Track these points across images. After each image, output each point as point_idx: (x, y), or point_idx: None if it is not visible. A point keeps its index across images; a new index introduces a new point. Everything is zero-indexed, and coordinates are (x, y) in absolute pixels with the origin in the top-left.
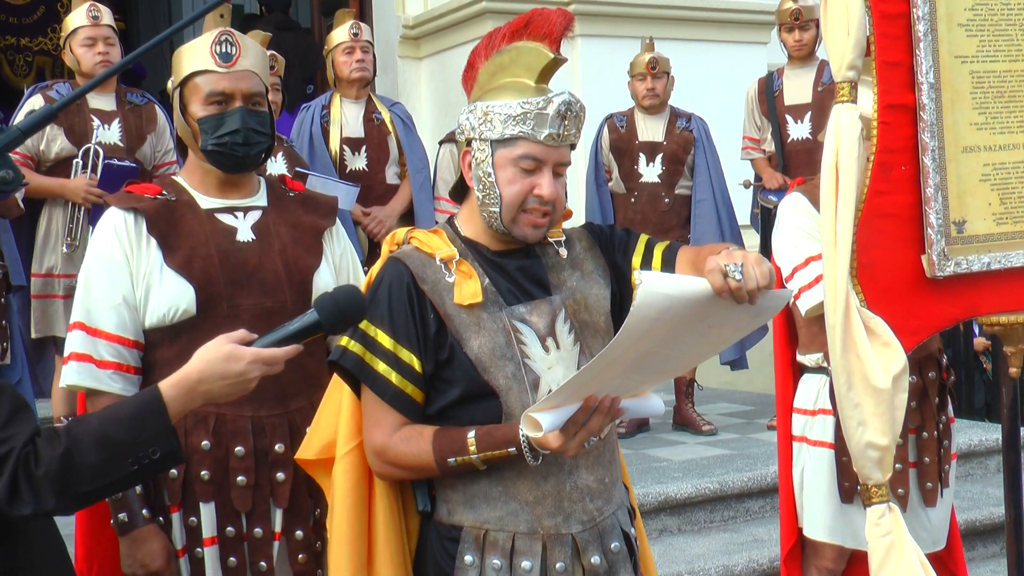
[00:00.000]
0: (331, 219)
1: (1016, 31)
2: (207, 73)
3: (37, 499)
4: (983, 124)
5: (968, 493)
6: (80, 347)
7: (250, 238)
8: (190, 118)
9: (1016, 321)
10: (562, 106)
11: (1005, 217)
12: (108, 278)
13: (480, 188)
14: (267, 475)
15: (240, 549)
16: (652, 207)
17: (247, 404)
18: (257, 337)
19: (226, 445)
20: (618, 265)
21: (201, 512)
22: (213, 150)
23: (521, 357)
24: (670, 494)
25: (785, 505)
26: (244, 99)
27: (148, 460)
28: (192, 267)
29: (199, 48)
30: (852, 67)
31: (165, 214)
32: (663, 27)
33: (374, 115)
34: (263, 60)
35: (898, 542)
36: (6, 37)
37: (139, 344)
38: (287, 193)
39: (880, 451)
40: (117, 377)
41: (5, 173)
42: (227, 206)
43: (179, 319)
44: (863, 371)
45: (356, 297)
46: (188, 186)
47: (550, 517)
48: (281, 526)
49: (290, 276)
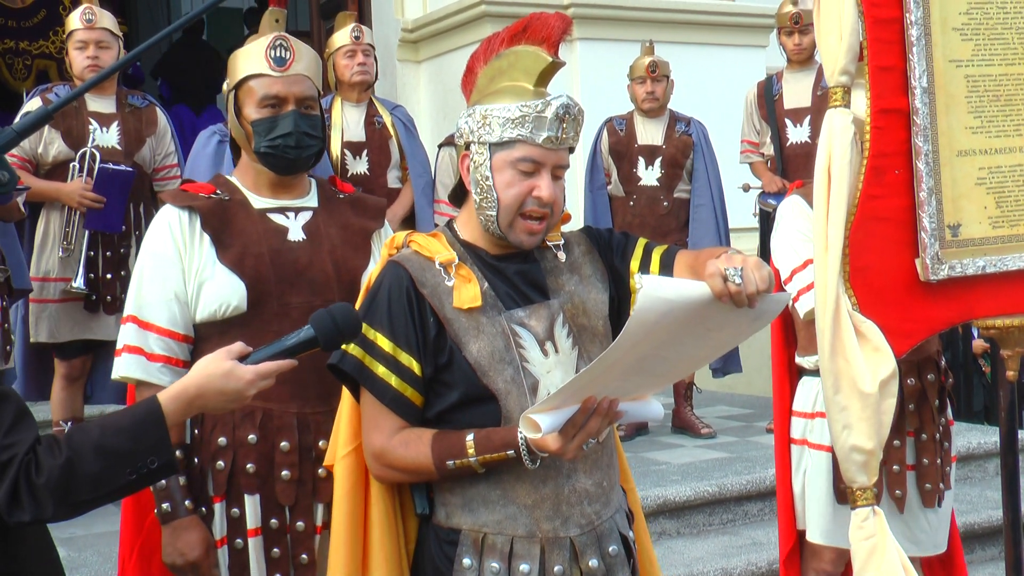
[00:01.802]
0: (379, 221)
1: (1012, 35)
2: (261, 76)
3: (36, 507)
4: (979, 128)
5: (967, 496)
6: (132, 340)
7: (301, 238)
8: (244, 120)
9: (1012, 324)
10: (560, 109)
11: (1001, 220)
12: (161, 274)
13: (478, 191)
14: (311, 470)
15: (283, 541)
16: (651, 210)
17: (292, 400)
18: (252, 351)
19: (272, 439)
20: (616, 269)
21: (245, 503)
22: (266, 152)
23: (520, 361)
24: (669, 497)
25: (783, 508)
26: (297, 103)
27: (146, 470)
28: (244, 264)
29: (254, 52)
30: (845, 72)
31: (219, 212)
32: (663, 31)
33: (375, 118)
34: (316, 65)
35: (881, 545)
36: (5, 41)
37: (188, 338)
38: (337, 195)
39: (865, 455)
40: (166, 370)
41: (1, 175)
42: (279, 206)
43: (230, 315)
44: (851, 375)
45: (352, 315)
46: (241, 186)
47: (548, 520)
48: (322, 520)
49: (339, 276)
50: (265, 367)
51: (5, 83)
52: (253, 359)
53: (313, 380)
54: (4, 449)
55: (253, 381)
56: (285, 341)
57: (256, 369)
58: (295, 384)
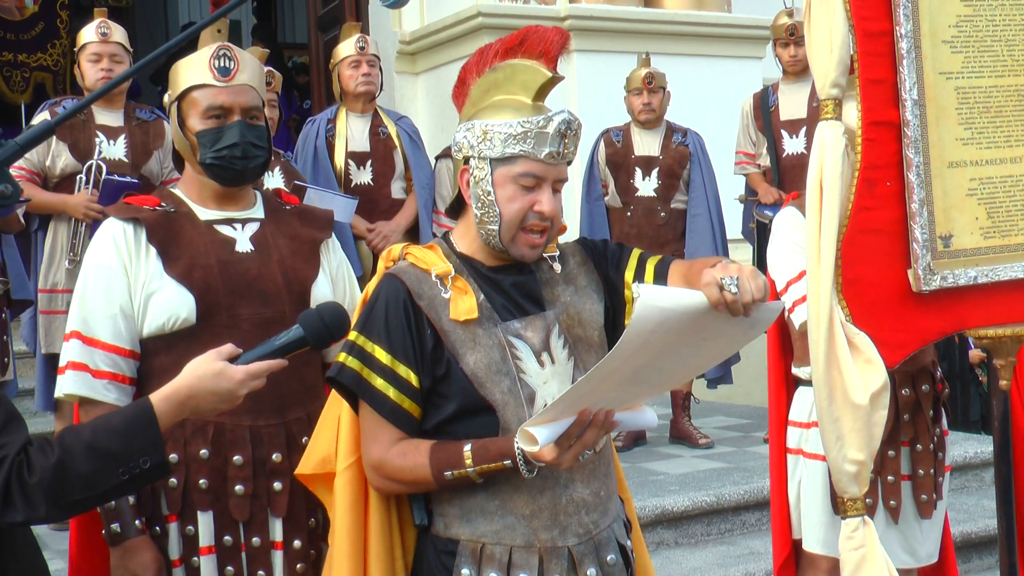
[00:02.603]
0: (327, 231)
1: (1001, 47)
2: (205, 87)
3: (29, 507)
4: (969, 139)
5: (963, 505)
6: (76, 356)
7: (249, 249)
8: (188, 131)
9: (1005, 334)
10: (562, 125)
11: (992, 231)
12: (105, 288)
13: (479, 206)
14: (265, 484)
15: (238, 558)
16: (648, 221)
17: (245, 414)
18: (242, 352)
19: (224, 454)
20: (611, 279)
21: (199, 521)
22: (212, 163)
23: (517, 372)
24: (667, 507)
25: (777, 517)
26: (242, 113)
27: (139, 470)
28: (192, 276)
29: (197, 62)
30: (836, 85)
31: (165, 224)
32: (659, 42)
33: (380, 129)
34: (260, 75)
35: (870, 556)
36: (3, 53)
37: (135, 354)
38: (283, 206)
39: (857, 466)
40: (112, 387)
41: (4, 188)
42: (225, 218)
43: (178, 328)
44: (844, 386)
45: (340, 313)
46: (186, 198)
47: (546, 530)
48: (282, 536)
49: (289, 286)
50: (256, 367)
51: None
52: (244, 359)
53: (267, 392)
54: None
55: (244, 381)
56: (275, 341)
57: (247, 369)
58: (248, 397)
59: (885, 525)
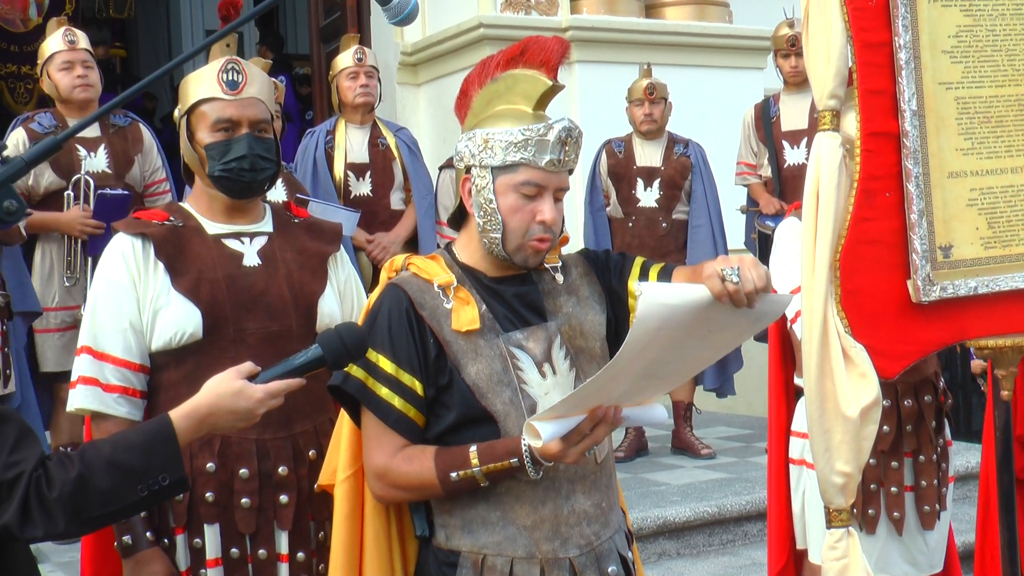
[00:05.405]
0: (336, 245)
1: (1001, 56)
2: (214, 100)
3: (48, 522)
4: (969, 149)
5: (967, 515)
6: (87, 371)
7: (256, 263)
8: (197, 145)
9: (1006, 344)
10: (562, 132)
11: (993, 241)
12: (115, 303)
13: (481, 215)
14: (271, 497)
15: (244, 571)
16: (650, 232)
17: (252, 427)
18: (261, 370)
19: (231, 467)
20: (614, 290)
21: (205, 534)
22: (220, 176)
23: (518, 383)
24: (668, 518)
25: (775, 527)
26: (251, 126)
27: (158, 487)
28: (199, 291)
29: (206, 76)
30: (833, 96)
31: (172, 239)
32: (660, 53)
33: (379, 140)
34: (268, 87)
35: (852, 566)
36: (7, 65)
37: (145, 368)
38: (292, 219)
39: (844, 478)
40: (123, 401)
41: (9, 203)
42: (233, 231)
43: (185, 342)
44: (836, 398)
45: (359, 334)
46: (195, 212)
47: (548, 541)
48: (287, 549)
49: (296, 301)
50: (274, 386)
51: (7, 107)
52: (262, 378)
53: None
54: (9, 467)
55: (263, 400)
56: (293, 360)
57: (266, 388)
58: None
59: (888, 536)
